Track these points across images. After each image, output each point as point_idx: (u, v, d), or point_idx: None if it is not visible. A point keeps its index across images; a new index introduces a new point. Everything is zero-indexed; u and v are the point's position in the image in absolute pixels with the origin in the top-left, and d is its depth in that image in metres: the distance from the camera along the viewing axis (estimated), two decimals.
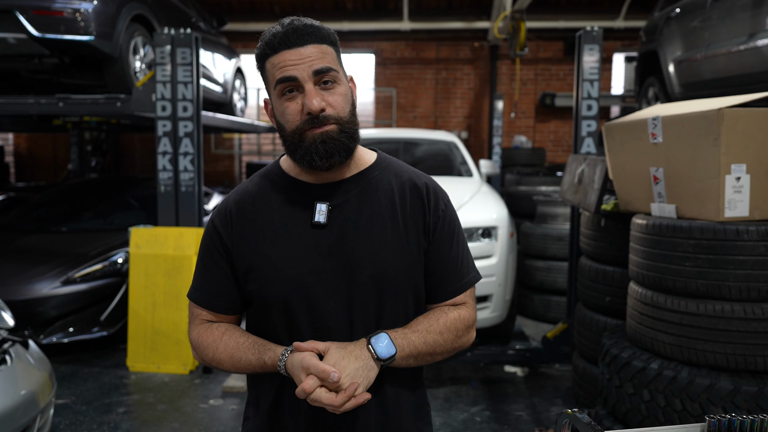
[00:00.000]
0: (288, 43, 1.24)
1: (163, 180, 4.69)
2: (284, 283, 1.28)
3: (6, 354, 2.78)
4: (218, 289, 1.36)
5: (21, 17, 4.29)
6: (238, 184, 1.42)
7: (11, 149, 11.36)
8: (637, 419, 2.59)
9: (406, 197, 1.35)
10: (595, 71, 4.30)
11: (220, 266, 1.35)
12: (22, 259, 4.87)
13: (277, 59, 1.25)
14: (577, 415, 1.21)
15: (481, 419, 3.68)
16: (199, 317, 1.39)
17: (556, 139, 10.75)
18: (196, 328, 1.39)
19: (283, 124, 1.28)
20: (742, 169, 2.41)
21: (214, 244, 1.36)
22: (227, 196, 1.40)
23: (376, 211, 1.31)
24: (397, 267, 1.30)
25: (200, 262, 1.39)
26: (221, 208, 1.38)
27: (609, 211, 3.38)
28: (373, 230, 1.30)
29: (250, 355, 1.30)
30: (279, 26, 1.27)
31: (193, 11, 6.45)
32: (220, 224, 1.35)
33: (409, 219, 1.33)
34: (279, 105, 1.28)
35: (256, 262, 1.30)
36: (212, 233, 1.36)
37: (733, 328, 2.40)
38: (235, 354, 1.31)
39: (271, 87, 1.28)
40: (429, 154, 5.77)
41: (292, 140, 1.27)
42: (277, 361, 1.26)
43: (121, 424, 3.62)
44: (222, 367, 1.35)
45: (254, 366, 1.30)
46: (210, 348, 1.34)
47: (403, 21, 9.72)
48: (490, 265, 4.25)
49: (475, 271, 1.42)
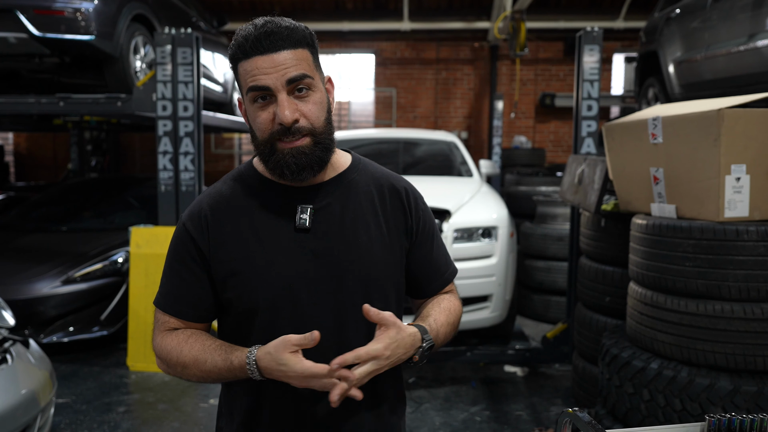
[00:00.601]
0: (260, 48, 1.18)
1: (163, 179, 4.69)
2: (270, 289, 1.24)
3: (7, 353, 2.78)
4: (188, 296, 1.29)
5: (22, 17, 4.29)
6: (210, 186, 1.36)
7: (11, 149, 11.36)
8: (636, 419, 2.59)
9: (386, 199, 1.35)
10: (595, 71, 4.31)
11: (192, 271, 1.28)
12: (22, 259, 4.87)
13: (249, 65, 1.19)
14: (578, 414, 1.21)
15: (481, 419, 3.69)
16: (164, 324, 1.31)
17: (555, 139, 10.76)
18: (160, 334, 1.31)
19: (255, 130, 1.24)
20: (742, 169, 2.42)
21: (186, 249, 1.28)
22: (199, 199, 1.33)
23: (359, 213, 1.30)
24: (382, 268, 1.31)
25: (169, 267, 1.32)
26: (193, 212, 1.30)
27: (609, 211, 3.39)
28: (357, 232, 1.29)
29: (216, 356, 1.23)
30: (252, 27, 1.19)
31: (194, 11, 6.46)
32: (194, 229, 1.28)
33: (391, 221, 1.34)
34: (251, 111, 1.24)
35: (237, 267, 1.25)
36: (184, 238, 1.29)
37: (733, 328, 2.40)
38: (200, 356, 1.24)
39: (244, 91, 1.23)
40: (429, 154, 5.77)
41: (264, 149, 1.24)
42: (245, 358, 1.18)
43: (122, 424, 3.63)
44: (187, 373, 1.26)
45: (220, 368, 1.22)
46: (174, 351, 1.27)
47: (403, 21, 9.72)
48: (490, 265, 4.26)
49: (453, 265, 1.52)
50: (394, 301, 1.35)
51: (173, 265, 1.31)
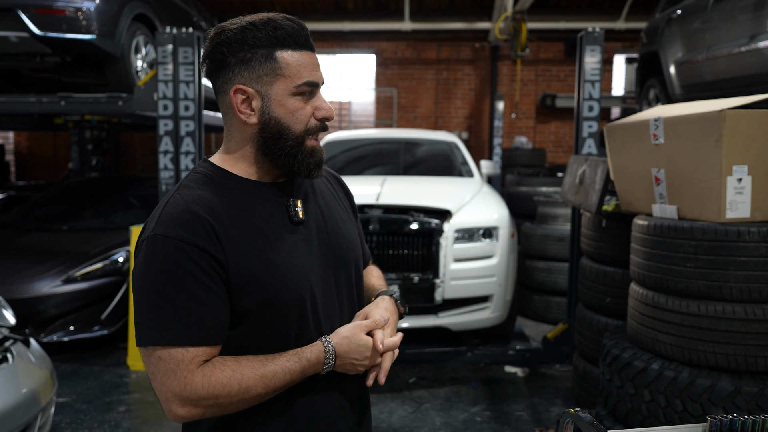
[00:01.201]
0: (310, 45, 1.24)
1: (164, 179, 4.69)
2: (296, 283, 1.23)
3: (7, 352, 2.78)
4: (215, 319, 1.15)
5: (23, 16, 4.30)
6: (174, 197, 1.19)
7: (12, 148, 11.36)
8: (637, 420, 2.59)
9: (333, 184, 1.47)
10: (596, 72, 4.31)
11: (209, 288, 1.13)
12: (22, 258, 4.88)
13: (302, 57, 1.21)
14: (580, 415, 1.21)
15: (482, 419, 3.68)
16: (195, 361, 1.12)
17: (556, 139, 10.76)
18: (199, 373, 1.12)
19: (288, 123, 1.22)
20: (743, 170, 2.42)
21: (196, 266, 1.12)
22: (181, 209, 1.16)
23: (328, 199, 1.39)
24: (357, 246, 1.42)
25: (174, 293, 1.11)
26: (187, 222, 1.14)
27: (610, 211, 3.39)
28: (334, 216, 1.37)
29: (285, 362, 1.17)
30: (287, 21, 1.21)
31: (195, 11, 6.46)
32: (203, 241, 1.13)
33: (343, 201, 1.46)
34: (288, 103, 1.21)
35: (257, 271, 1.18)
36: (190, 253, 1.12)
37: (734, 329, 2.40)
38: (265, 371, 1.15)
39: (282, 79, 1.19)
40: (430, 154, 5.78)
41: (294, 143, 1.23)
42: (322, 348, 1.23)
43: (122, 423, 3.62)
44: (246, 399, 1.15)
45: (294, 372, 1.18)
46: (233, 380, 1.13)
47: (404, 21, 9.72)
48: (491, 266, 4.26)
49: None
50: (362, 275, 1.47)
51: (180, 288, 1.12)
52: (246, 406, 1.17)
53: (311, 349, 1.21)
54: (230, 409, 1.16)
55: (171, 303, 1.12)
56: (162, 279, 1.12)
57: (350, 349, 1.25)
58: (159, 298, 1.12)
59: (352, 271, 1.37)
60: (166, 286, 1.12)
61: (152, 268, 1.13)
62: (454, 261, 4.16)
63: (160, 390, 1.13)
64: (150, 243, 1.14)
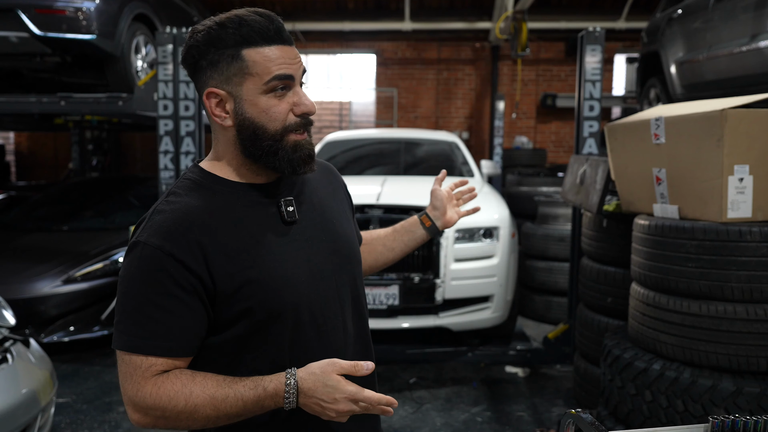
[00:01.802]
0: (282, 38, 1.17)
1: (164, 179, 4.69)
2: (288, 286, 1.20)
3: (7, 353, 2.78)
4: (179, 330, 1.13)
5: (23, 16, 4.29)
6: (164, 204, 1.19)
7: (12, 148, 11.36)
8: (639, 420, 2.58)
9: (330, 180, 1.43)
10: (597, 72, 4.30)
11: (179, 300, 1.12)
12: (23, 258, 4.87)
13: (271, 52, 1.16)
14: (581, 415, 1.21)
15: (482, 419, 3.68)
16: (150, 370, 1.12)
17: (557, 139, 10.75)
18: (149, 382, 1.11)
19: (262, 122, 1.18)
20: (745, 170, 2.41)
21: (170, 277, 1.11)
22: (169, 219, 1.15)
23: (322, 196, 1.35)
24: (355, 242, 1.39)
25: (144, 301, 1.11)
26: (170, 233, 1.13)
27: (611, 211, 3.38)
28: (330, 215, 1.34)
29: (240, 388, 1.11)
30: (257, 15, 1.16)
31: (195, 10, 6.46)
32: (181, 252, 1.12)
33: (340, 197, 1.43)
34: (261, 102, 1.17)
35: (250, 275, 1.16)
36: (166, 264, 1.11)
37: (736, 329, 2.40)
38: (217, 392, 1.11)
39: (250, 78, 1.16)
40: (430, 154, 5.77)
41: (273, 142, 1.18)
42: (284, 380, 1.11)
43: (122, 423, 3.62)
44: (195, 417, 1.11)
45: (246, 399, 1.11)
46: (180, 395, 1.10)
47: (404, 21, 9.71)
48: (492, 266, 4.25)
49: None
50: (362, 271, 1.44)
51: (150, 297, 1.11)
52: (200, 426, 1.14)
53: (272, 380, 1.12)
54: (181, 425, 1.13)
55: (140, 311, 1.12)
56: (136, 286, 1.13)
57: (315, 387, 1.11)
58: (131, 304, 1.13)
59: (352, 268, 1.34)
60: (139, 293, 1.12)
61: (130, 274, 1.14)
62: (455, 261, 4.16)
63: (122, 391, 1.16)
64: (132, 249, 1.15)
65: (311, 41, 10.33)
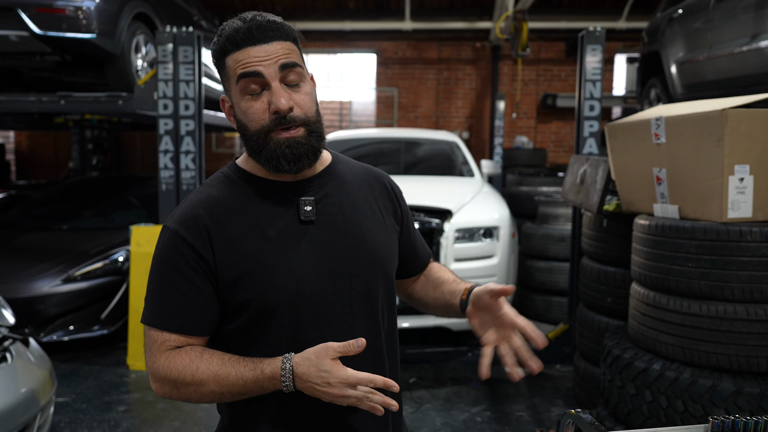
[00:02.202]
0: (252, 39, 1.18)
1: (164, 178, 4.69)
2: (288, 283, 1.21)
3: (6, 352, 2.78)
4: (190, 309, 1.21)
5: (23, 15, 4.29)
6: (194, 194, 1.28)
7: (12, 147, 11.36)
8: (638, 420, 2.58)
9: (373, 187, 1.39)
10: (597, 72, 4.30)
11: (192, 282, 1.20)
12: (22, 257, 4.87)
13: (240, 55, 1.18)
14: (581, 415, 1.20)
15: (482, 419, 3.68)
16: (165, 344, 1.21)
17: (557, 139, 10.75)
18: (163, 355, 1.21)
19: (245, 123, 1.21)
20: (745, 169, 2.41)
21: (183, 260, 1.20)
22: (188, 206, 1.25)
23: (355, 201, 1.33)
24: (384, 252, 1.34)
25: (162, 281, 1.22)
26: (186, 220, 1.22)
27: (611, 211, 3.38)
28: (358, 220, 1.31)
29: (242, 368, 1.17)
30: (240, 21, 1.20)
31: (195, 10, 6.45)
32: (192, 237, 1.20)
33: (382, 206, 1.38)
34: (241, 103, 1.21)
35: (249, 268, 1.20)
36: (181, 248, 1.20)
37: (736, 329, 2.39)
38: (221, 370, 1.17)
39: (232, 83, 1.21)
40: (430, 154, 5.77)
41: (257, 141, 1.21)
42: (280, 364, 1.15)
43: (122, 423, 3.62)
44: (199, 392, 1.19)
45: (246, 380, 1.17)
46: (188, 370, 1.18)
47: (404, 21, 9.71)
48: (492, 265, 4.25)
49: (427, 246, 1.61)
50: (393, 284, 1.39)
51: (169, 278, 1.21)
52: (209, 400, 1.21)
53: (270, 363, 1.17)
54: (192, 397, 1.21)
55: (159, 289, 1.23)
56: (158, 267, 1.24)
57: (308, 371, 1.14)
58: (153, 283, 1.24)
59: (373, 277, 1.30)
60: (160, 273, 1.23)
61: (156, 256, 1.25)
62: (455, 260, 4.15)
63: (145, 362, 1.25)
64: (161, 232, 1.26)
65: (311, 41, 10.32)
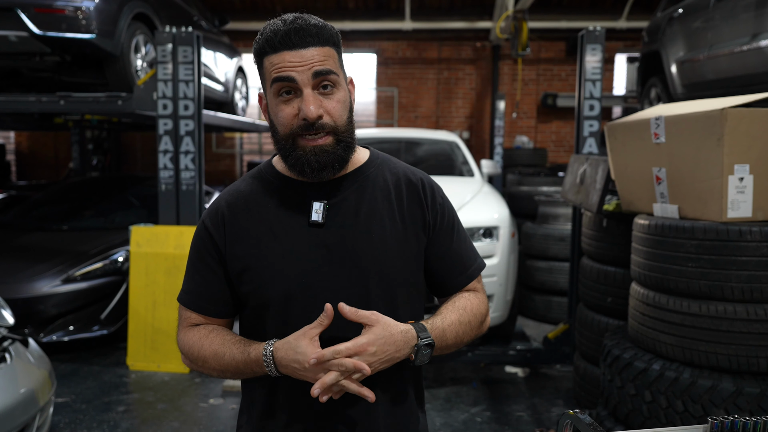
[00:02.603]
0: (289, 43, 1.19)
1: (164, 179, 4.68)
2: (282, 282, 1.25)
3: (6, 352, 2.78)
4: (208, 292, 1.33)
5: (22, 15, 4.28)
6: (231, 185, 1.39)
7: (12, 147, 11.36)
8: (638, 420, 2.58)
9: (402, 193, 1.33)
10: (597, 71, 4.29)
11: (210, 268, 1.32)
12: (22, 258, 4.87)
13: (276, 59, 1.20)
14: (579, 416, 1.20)
15: (482, 419, 3.67)
16: (187, 320, 1.36)
17: (557, 139, 10.74)
18: (183, 330, 1.36)
19: (277, 125, 1.25)
20: (745, 169, 2.40)
21: (204, 246, 1.32)
22: (219, 196, 1.36)
23: (374, 207, 1.30)
24: (397, 262, 1.29)
25: (190, 264, 1.36)
26: (213, 209, 1.34)
27: (611, 211, 3.37)
28: (372, 227, 1.28)
29: (235, 350, 1.26)
30: (281, 23, 1.21)
31: (195, 10, 6.45)
32: (212, 226, 1.31)
33: (407, 214, 1.32)
34: (273, 105, 1.24)
35: (251, 262, 1.27)
36: (203, 235, 1.33)
37: (736, 329, 2.39)
38: (219, 350, 1.27)
39: (267, 84, 1.24)
40: (430, 153, 5.76)
41: (285, 144, 1.24)
42: (262, 350, 1.22)
43: (121, 423, 3.62)
44: (206, 367, 1.30)
45: (237, 361, 1.25)
46: (195, 346, 1.31)
47: (405, 21, 9.71)
48: (492, 265, 4.24)
49: (480, 259, 1.43)
50: (406, 296, 1.32)
51: (194, 261, 1.34)
52: (218, 375, 1.31)
53: (255, 347, 1.24)
54: (203, 371, 1.32)
55: (188, 272, 1.36)
56: (190, 252, 1.37)
57: (287, 355, 1.19)
58: (188, 265, 1.37)
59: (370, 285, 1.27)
60: (190, 258, 1.36)
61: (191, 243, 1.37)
62: None
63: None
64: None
65: None
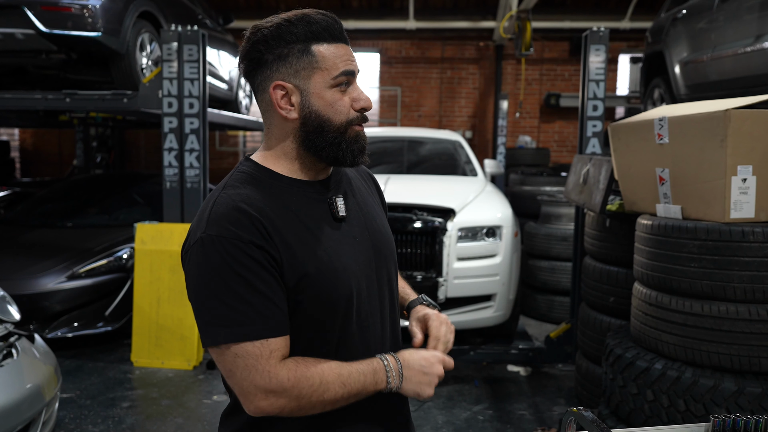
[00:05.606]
0: (344, 37, 1.26)
1: (168, 176, 4.70)
2: (345, 281, 1.24)
3: (12, 348, 2.80)
4: (280, 309, 1.16)
5: (29, 13, 4.31)
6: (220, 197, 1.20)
7: (17, 144, 11.39)
8: (640, 419, 2.59)
9: (366, 181, 1.48)
10: (601, 71, 4.30)
11: (269, 284, 1.15)
12: (27, 254, 4.89)
13: (337, 49, 1.23)
14: (583, 413, 1.21)
15: (484, 418, 3.69)
16: (276, 354, 1.14)
17: (560, 139, 10.74)
18: (283, 367, 1.14)
19: (328, 115, 1.23)
20: (748, 170, 2.41)
21: (255, 261, 1.13)
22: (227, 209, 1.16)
23: (364, 195, 1.41)
24: (392, 241, 1.43)
25: (237, 288, 1.12)
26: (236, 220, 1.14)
27: (614, 211, 3.38)
28: (372, 214, 1.38)
29: (357, 365, 1.21)
30: (322, 15, 1.23)
31: (200, 8, 6.47)
32: (256, 237, 1.14)
33: (377, 198, 1.49)
34: (327, 95, 1.22)
35: (308, 268, 1.19)
36: (247, 250, 1.13)
37: (738, 329, 2.40)
38: (342, 370, 1.18)
39: (318, 72, 1.21)
40: (433, 153, 5.78)
41: (337, 133, 1.24)
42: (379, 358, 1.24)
43: (125, 419, 3.64)
44: (324, 399, 1.17)
45: (364, 372, 1.20)
46: (316, 375, 1.16)
47: (408, 20, 9.71)
48: (494, 265, 4.26)
49: None
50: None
51: (244, 283, 1.12)
52: (320, 408, 1.18)
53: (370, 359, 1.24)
54: (306, 406, 1.16)
55: (237, 299, 1.12)
56: (224, 277, 1.12)
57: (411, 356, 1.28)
58: (224, 296, 1.12)
59: (391, 267, 1.39)
60: (229, 283, 1.12)
61: (212, 269, 1.13)
62: (458, 260, 4.17)
63: (240, 385, 1.14)
64: (205, 245, 1.14)
65: None
